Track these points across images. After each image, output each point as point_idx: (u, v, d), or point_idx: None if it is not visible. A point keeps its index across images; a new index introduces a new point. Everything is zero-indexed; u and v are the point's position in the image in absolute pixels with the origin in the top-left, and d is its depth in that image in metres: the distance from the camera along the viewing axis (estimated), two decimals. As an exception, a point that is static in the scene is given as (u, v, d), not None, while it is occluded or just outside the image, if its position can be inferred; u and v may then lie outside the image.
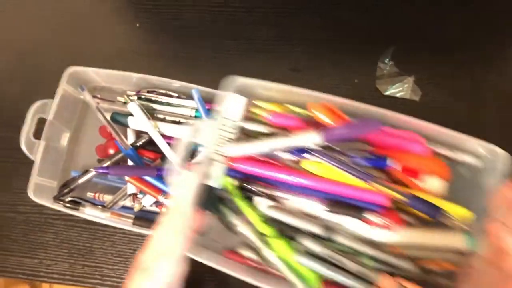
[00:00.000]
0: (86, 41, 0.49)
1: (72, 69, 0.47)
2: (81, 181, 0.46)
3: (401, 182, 0.36)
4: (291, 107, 0.40)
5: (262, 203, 0.38)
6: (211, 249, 0.41)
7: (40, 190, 0.45)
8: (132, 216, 0.44)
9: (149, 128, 0.45)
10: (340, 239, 0.36)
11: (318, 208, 0.36)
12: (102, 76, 0.49)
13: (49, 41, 0.57)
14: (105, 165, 0.46)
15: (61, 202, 0.45)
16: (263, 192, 0.37)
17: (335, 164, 0.35)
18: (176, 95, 0.47)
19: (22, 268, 0.50)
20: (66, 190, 0.46)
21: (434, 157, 0.37)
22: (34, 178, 0.45)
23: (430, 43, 0.52)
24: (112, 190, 0.47)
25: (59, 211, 0.47)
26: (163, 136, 0.46)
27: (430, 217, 0.33)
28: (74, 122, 0.51)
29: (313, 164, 0.37)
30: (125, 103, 0.48)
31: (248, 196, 0.39)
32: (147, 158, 0.47)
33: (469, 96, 0.50)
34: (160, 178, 0.44)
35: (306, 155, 0.36)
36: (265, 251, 0.37)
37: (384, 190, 0.34)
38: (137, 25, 0.56)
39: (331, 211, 0.35)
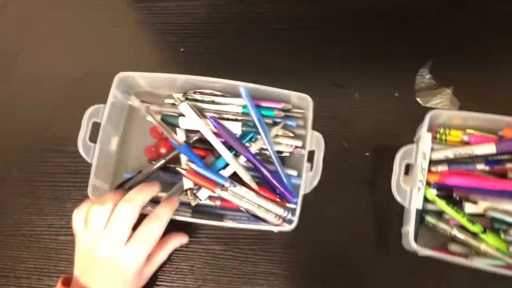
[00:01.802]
0: (131, 68, 0.50)
1: (121, 74, 0.50)
2: (137, 179, 0.49)
3: None
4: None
5: (467, 207, 0.46)
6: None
7: (96, 191, 0.48)
8: (189, 210, 0.48)
9: (202, 127, 0.48)
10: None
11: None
12: (148, 80, 0.53)
13: (95, 68, 0.60)
14: (160, 163, 0.49)
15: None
16: (465, 198, 0.46)
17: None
18: (221, 93, 0.51)
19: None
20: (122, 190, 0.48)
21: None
22: (92, 180, 0.48)
23: (466, 54, 0.56)
24: (165, 188, 0.48)
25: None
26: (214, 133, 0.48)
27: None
28: (121, 127, 0.55)
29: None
30: (173, 104, 0.51)
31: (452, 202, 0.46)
32: (198, 156, 0.49)
33: (509, 104, 0.51)
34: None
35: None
36: (481, 246, 0.44)
37: None
38: (181, 49, 0.61)
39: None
